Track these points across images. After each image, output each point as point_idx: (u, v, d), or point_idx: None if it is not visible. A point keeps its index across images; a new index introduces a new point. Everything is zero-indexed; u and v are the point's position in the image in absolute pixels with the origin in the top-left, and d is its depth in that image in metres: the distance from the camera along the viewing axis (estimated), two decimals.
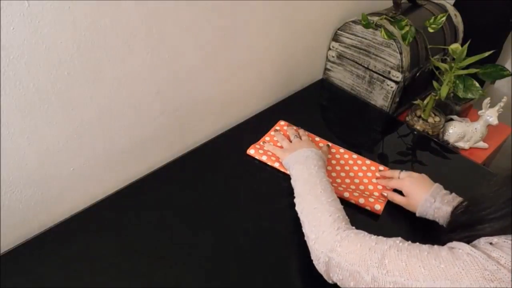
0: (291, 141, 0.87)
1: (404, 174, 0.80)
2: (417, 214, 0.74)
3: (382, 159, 0.90)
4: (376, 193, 0.81)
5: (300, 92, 1.12)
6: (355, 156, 0.89)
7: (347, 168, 0.87)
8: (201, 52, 0.80)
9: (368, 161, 0.88)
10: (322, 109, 1.08)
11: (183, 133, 0.89)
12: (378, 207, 0.77)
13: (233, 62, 0.90)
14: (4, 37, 0.52)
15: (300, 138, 0.87)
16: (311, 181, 0.70)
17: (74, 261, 0.67)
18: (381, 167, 0.87)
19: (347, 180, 0.84)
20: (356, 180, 0.84)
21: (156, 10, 0.67)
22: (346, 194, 0.78)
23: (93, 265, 0.67)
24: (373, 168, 0.87)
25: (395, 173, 0.82)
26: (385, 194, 0.80)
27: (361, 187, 0.83)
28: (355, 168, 0.87)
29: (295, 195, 0.71)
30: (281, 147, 0.88)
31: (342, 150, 0.91)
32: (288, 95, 1.10)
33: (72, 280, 0.65)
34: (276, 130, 0.94)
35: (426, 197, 0.72)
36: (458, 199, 0.71)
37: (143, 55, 0.70)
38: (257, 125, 0.97)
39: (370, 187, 0.83)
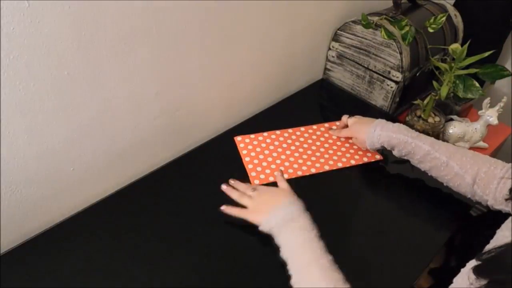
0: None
1: (351, 120, 0.89)
2: (368, 148, 0.85)
3: (382, 159, 0.90)
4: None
5: (300, 92, 1.12)
6: (315, 126, 0.97)
7: (319, 142, 0.93)
8: (201, 52, 0.80)
9: (326, 124, 0.98)
10: (322, 109, 1.08)
11: (183, 133, 0.89)
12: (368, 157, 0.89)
13: (233, 62, 0.90)
14: (4, 37, 0.52)
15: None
16: (304, 261, 0.60)
17: (74, 261, 0.67)
18: (337, 123, 0.97)
19: (326, 154, 0.91)
20: (334, 147, 0.92)
21: (156, 10, 0.67)
22: (340, 164, 0.87)
23: (93, 265, 0.67)
24: (334, 127, 0.97)
25: (344, 119, 0.92)
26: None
27: (339, 152, 0.91)
28: (323, 138, 0.94)
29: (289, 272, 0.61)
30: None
31: (303, 128, 0.97)
32: (288, 95, 1.10)
33: (72, 280, 0.65)
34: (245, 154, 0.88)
35: (368, 129, 0.83)
36: (403, 126, 0.80)
37: (143, 55, 0.70)
38: (258, 125, 0.97)
39: (343, 148, 0.92)
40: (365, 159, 0.88)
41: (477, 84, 0.87)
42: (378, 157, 0.88)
